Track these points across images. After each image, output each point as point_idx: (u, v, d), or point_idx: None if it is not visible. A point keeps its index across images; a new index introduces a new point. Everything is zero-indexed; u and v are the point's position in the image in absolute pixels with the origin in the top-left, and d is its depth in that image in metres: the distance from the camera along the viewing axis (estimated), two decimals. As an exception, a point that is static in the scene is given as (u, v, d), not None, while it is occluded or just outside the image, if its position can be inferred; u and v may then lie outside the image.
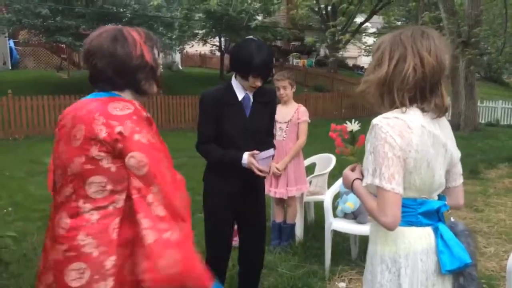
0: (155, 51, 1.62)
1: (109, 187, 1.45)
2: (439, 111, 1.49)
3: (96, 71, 1.56)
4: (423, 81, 1.47)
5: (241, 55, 2.40)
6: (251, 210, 2.62)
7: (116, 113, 1.46)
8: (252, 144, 2.45)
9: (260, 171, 2.42)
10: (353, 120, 2.18)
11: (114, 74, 1.54)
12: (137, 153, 1.43)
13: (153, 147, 1.48)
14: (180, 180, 1.63)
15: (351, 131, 2.89)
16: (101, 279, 1.41)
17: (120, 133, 1.42)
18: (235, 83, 2.51)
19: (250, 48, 2.37)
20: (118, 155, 1.43)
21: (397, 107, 1.50)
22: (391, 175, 1.43)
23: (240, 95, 2.50)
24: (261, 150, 2.45)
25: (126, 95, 1.59)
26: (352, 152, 1.97)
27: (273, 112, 2.72)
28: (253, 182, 2.58)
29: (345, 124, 2.49)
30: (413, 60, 1.47)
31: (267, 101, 2.59)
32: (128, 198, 1.44)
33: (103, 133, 1.43)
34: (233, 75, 2.53)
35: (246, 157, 2.42)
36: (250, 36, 2.53)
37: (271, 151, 2.48)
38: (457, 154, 1.62)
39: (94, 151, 1.43)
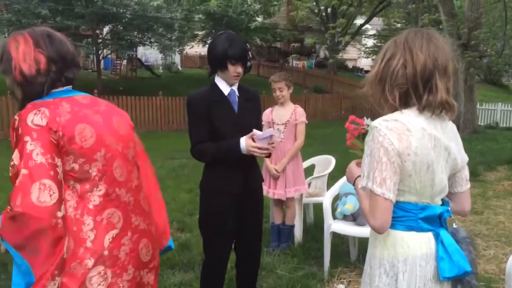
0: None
1: None
2: (433, 108, 1.47)
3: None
4: (415, 77, 1.46)
5: (216, 47, 2.43)
6: (250, 212, 2.59)
7: None
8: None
9: (261, 149, 2.37)
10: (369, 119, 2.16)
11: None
12: None
13: None
14: None
15: (368, 126, 2.85)
16: None
17: None
18: (219, 80, 2.52)
19: (221, 39, 2.43)
20: None
21: (395, 108, 1.50)
22: (382, 179, 1.43)
23: (225, 91, 2.50)
24: None
25: None
26: (361, 147, 1.95)
27: (259, 111, 2.72)
28: (253, 183, 2.57)
29: (364, 119, 2.50)
30: (403, 56, 1.48)
31: (251, 99, 2.59)
32: None
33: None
34: (216, 75, 2.54)
35: (243, 144, 2.38)
36: (222, 31, 2.56)
37: (270, 131, 2.44)
38: (462, 158, 1.59)
39: (133, 135, 1.81)
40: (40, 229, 1.40)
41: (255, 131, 2.39)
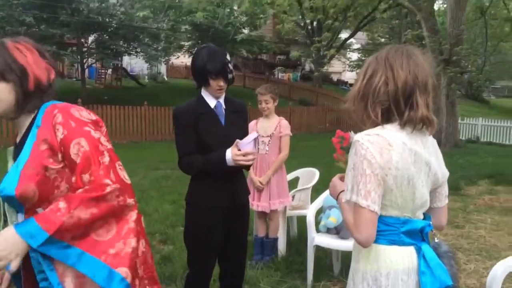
0: None
1: None
2: (414, 124, 1.49)
3: None
4: (396, 94, 1.49)
5: (196, 63, 2.45)
6: (237, 225, 2.57)
7: None
8: None
9: (248, 155, 2.36)
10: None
11: None
12: None
13: None
14: None
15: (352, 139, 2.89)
16: None
17: None
18: (205, 93, 2.53)
19: (202, 53, 2.44)
20: None
21: (377, 124, 1.51)
22: (367, 192, 1.43)
23: (212, 104, 2.51)
24: None
25: None
26: (346, 160, 1.96)
27: (246, 123, 2.72)
28: (240, 197, 2.56)
29: (349, 133, 2.52)
30: (385, 73, 1.50)
31: (237, 110, 2.60)
32: None
33: None
34: (202, 88, 2.55)
35: (229, 155, 2.37)
36: (204, 44, 2.56)
37: (254, 134, 2.43)
38: (443, 173, 1.61)
39: None
40: (128, 205, 1.48)
41: (237, 140, 2.38)
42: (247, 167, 2.53)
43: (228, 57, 2.48)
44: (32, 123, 1.52)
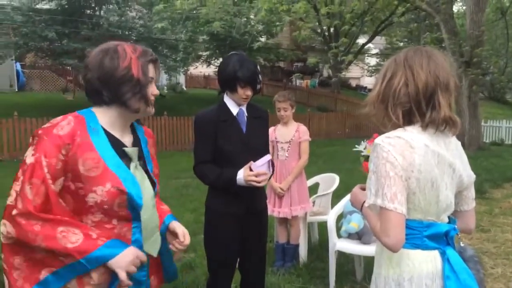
0: (150, 68, 1.60)
1: None
2: (436, 125, 1.46)
3: (87, 83, 1.58)
4: (417, 95, 1.47)
5: (226, 69, 2.45)
6: (254, 233, 2.57)
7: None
8: (252, 160, 2.40)
9: (260, 176, 2.35)
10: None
11: (100, 85, 1.54)
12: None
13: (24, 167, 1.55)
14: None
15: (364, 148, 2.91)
16: None
17: None
18: (228, 100, 2.52)
19: (233, 60, 2.43)
20: None
21: (399, 126, 1.50)
22: (393, 194, 1.40)
23: (234, 111, 2.50)
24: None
25: (113, 110, 1.59)
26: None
27: (267, 129, 2.71)
28: (257, 204, 2.56)
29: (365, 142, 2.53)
30: (404, 75, 1.48)
31: (259, 116, 2.60)
32: None
33: None
34: (225, 93, 2.55)
35: (241, 175, 2.37)
36: (233, 52, 2.57)
37: (267, 157, 2.40)
38: (469, 175, 1.58)
39: None
40: None
41: (251, 162, 2.37)
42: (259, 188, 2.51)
43: (258, 67, 2.49)
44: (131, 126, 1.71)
